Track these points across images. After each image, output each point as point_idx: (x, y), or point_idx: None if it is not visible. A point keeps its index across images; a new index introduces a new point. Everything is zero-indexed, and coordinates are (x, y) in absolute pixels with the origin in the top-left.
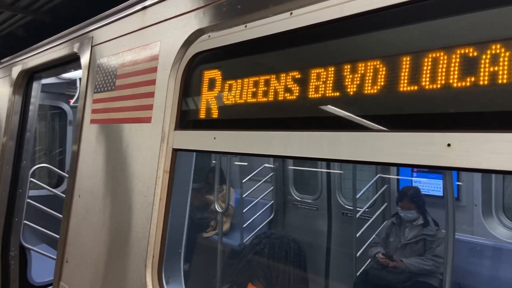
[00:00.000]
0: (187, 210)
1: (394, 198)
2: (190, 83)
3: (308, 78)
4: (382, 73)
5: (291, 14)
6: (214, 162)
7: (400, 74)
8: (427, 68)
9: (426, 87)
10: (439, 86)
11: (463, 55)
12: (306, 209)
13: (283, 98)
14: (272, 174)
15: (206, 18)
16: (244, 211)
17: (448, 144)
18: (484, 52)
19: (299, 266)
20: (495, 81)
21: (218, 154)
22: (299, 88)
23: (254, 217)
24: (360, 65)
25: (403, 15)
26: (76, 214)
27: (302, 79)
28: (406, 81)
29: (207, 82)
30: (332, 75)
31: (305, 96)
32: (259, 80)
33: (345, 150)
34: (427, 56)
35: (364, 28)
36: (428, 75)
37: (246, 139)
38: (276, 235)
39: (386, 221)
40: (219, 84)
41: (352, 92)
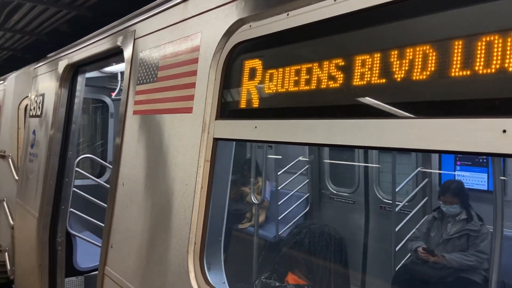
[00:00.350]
0: (227, 199)
1: (436, 192)
2: (230, 73)
3: (353, 65)
4: (432, 58)
5: (335, 0)
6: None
7: (452, 59)
8: (480, 52)
9: (480, 72)
10: (493, 70)
11: None
12: (342, 202)
13: (326, 86)
14: (307, 166)
15: (247, 8)
16: (279, 203)
17: (504, 130)
18: None
19: (340, 257)
20: None
21: (253, 147)
22: (343, 75)
23: (289, 209)
24: (408, 50)
25: None
26: (120, 201)
27: (346, 66)
28: (458, 66)
29: (248, 71)
30: (378, 62)
31: (349, 84)
32: (301, 69)
33: (393, 137)
34: (481, 40)
35: (413, 12)
36: (482, 60)
37: (287, 128)
38: (316, 225)
39: (427, 215)
40: (260, 74)
41: (400, 79)
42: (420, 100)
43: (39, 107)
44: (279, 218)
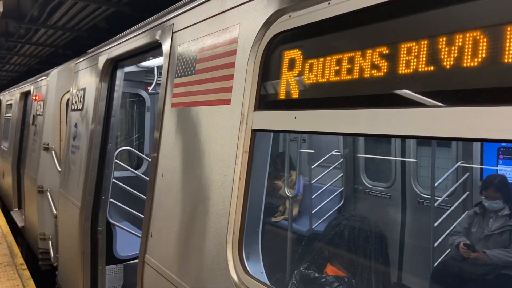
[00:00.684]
0: (265, 190)
1: (477, 186)
2: (269, 64)
3: (398, 53)
4: (482, 45)
5: None
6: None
7: (505, 45)
8: None
9: None
10: None
11: None
12: (378, 197)
13: (368, 75)
14: (342, 160)
15: None
16: (313, 197)
17: None
18: None
19: (380, 250)
20: None
21: (286, 141)
22: (386, 64)
23: (323, 203)
24: (457, 37)
25: None
26: (159, 192)
27: (391, 54)
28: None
29: (288, 62)
30: (425, 49)
31: (393, 73)
32: (343, 58)
33: (441, 126)
34: None
35: None
36: None
37: (328, 118)
38: (356, 218)
39: (468, 210)
40: (300, 64)
41: (448, 66)
42: (468, 87)
43: (80, 101)
44: (312, 212)
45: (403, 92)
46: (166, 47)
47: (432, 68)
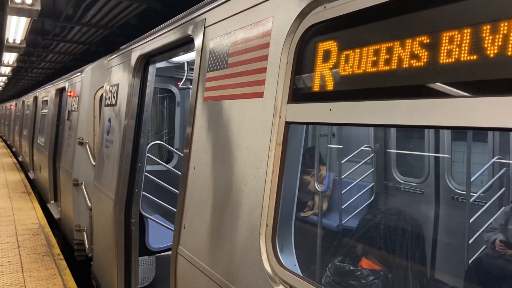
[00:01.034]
0: (297, 183)
1: None
2: (303, 56)
3: (439, 42)
4: None
5: None
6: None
7: None
8: None
9: None
10: None
11: None
12: (410, 192)
13: (408, 66)
14: (372, 155)
15: None
16: (343, 192)
17: None
18: None
19: (417, 244)
20: None
21: (316, 136)
22: (427, 54)
23: (353, 198)
24: (502, 24)
25: None
26: (192, 184)
27: (431, 44)
28: None
29: (322, 53)
30: (468, 38)
31: (435, 62)
32: (380, 49)
33: (483, 116)
34: None
35: None
36: None
37: (365, 110)
38: (392, 211)
39: (504, 207)
40: (336, 55)
41: (493, 54)
42: None
43: (113, 97)
44: (342, 207)
45: (443, 82)
46: (198, 41)
47: (474, 57)
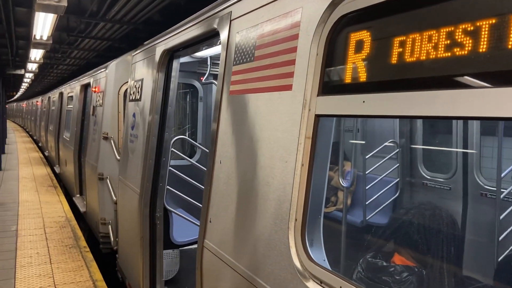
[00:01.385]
0: (326, 177)
1: None
2: (334, 47)
3: (483, 30)
4: None
5: None
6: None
7: None
8: None
9: None
10: None
11: None
12: (437, 188)
13: (450, 54)
14: (397, 150)
15: None
16: (367, 187)
17: None
18: None
19: (452, 241)
20: None
21: (340, 131)
22: (471, 41)
23: (377, 194)
24: None
25: None
26: (218, 178)
27: (474, 31)
28: None
29: (355, 44)
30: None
31: (478, 50)
32: (416, 38)
33: None
34: None
35: None
36: None
37: (401, 101)
38: (426, 206)
39: None
40: (369, 45)
41: None
42: None
43: (138, 92)
44: (366, 203)
45: (488, 71)
46: (224, 35)
47: None
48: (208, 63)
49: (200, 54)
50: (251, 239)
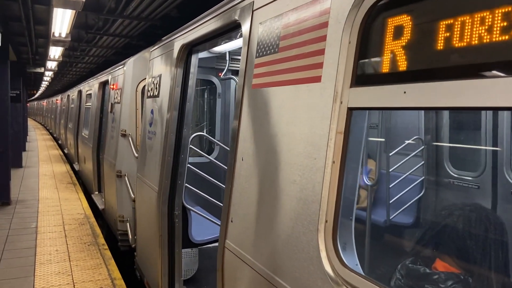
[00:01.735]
0: (358, 176)
1: None
2: (369, 34)
3: None
4: None
5: None
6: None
7: None
8: None
9: None
10: None
11: None
12: (464, 187)
13: (508, 38)
14: (422, 147)
15: None
16: (390, 186)
17: None
18: None
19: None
20: None
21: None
22: None
23: (402, 193)
24: None
25: None
26: (240, 176)
27: None
28: None
29: (393, 30)
30: None
31: None
32: (466, 21)
33: None
34: None
35: None
36: None
37: (450, 90)
38: (471, 207)
39: None
40: (410, 31)
41: None
42: None
43: (156, 88)
44: (390, 202)
45: None
46: (245, 26)
47: None
48: (227, 58)
49: (219, 49)
50: (275, 240)
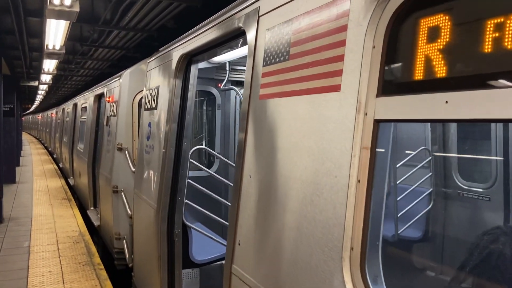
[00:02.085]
0: (385, 195)
1: None
2: (397, 37)
3: None
4: None
5: None
6: None
7: None
8: None
9: None
10: None
11: None
12: (475, 199)
13: None
14: (430, 158)
15: None
16: (398, 199)
17: None
18: None
19: None
20: None
21: None
22: None
23: (410, 206)
24: None
25: None
26: (247, 195)
27: None
28: None
29: (427, 31)
30: None
31: None
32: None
33: None
34: None
35: None
36: None
37: (501, 99)
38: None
39: None
40: (448, 32)
41: None
42: None
43: (154, 100)
44: (398, 216)
45: None
46: (251, 33)
47: None
48: (227, 68)
49: (218, 59)
50: (291, 268)
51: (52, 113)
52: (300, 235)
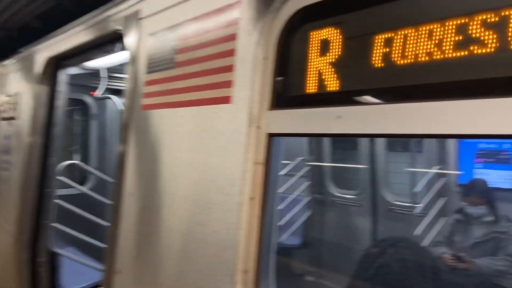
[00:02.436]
0: (275, 211)
1: (453, 192)
2: (289, 49)
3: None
4: None
5: None
6: None
7: None
8: None
9: None
10: None
11: None
12: (348, 205)
13: (449, 55)
14: (307, 168)
15: None
16: (279, 208)
17: None
18: None
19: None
20: None
21: None
22: (491, 37)
23: (291, 214)
24: None
25: None
26: (129, 215)
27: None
28: None
29: (319, 44)
30: None
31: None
32: (407, 34)
33: None
34: None
35: None
36: None
37: (394, 114)
38: (405, 244)
39: (447, 218)
40: (338, 46)
41: None
42: None
43: (13, 108)
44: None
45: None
46: (131, 37)
47: None
48: (104, 75)
49: (92, 64)
50: None
51: None
52: (191, 259)
